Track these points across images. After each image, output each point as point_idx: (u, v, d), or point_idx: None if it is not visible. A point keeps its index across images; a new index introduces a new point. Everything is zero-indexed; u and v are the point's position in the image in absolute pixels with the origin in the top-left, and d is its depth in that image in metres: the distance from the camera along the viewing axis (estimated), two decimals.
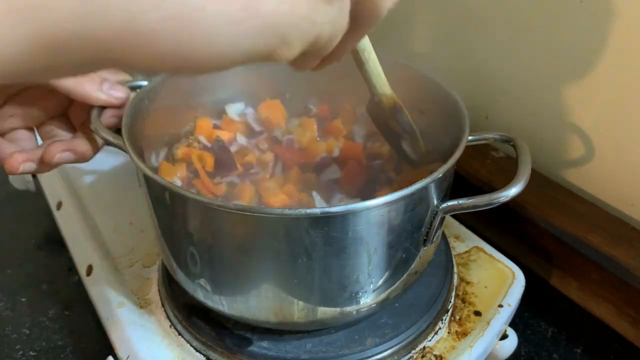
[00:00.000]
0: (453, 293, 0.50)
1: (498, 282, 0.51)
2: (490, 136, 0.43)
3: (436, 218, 0.38)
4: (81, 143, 0.40)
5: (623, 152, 0.53)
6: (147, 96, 0.44)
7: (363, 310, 0.41)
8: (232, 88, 0.55)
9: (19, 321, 0.60)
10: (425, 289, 0.48)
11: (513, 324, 0.51)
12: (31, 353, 0.56)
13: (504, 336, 0.49)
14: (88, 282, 0.52)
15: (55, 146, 0.39)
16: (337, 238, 0.35)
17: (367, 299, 0.40)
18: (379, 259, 0.38)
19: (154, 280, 0.51)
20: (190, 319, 0.45)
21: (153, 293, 0.50)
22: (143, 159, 0.39)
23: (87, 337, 0.58)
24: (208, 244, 0.38)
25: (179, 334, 0.46)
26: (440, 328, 0.47)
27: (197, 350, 0.44)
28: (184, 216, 0.37)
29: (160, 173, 0.47)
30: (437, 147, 0.49)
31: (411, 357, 0.44)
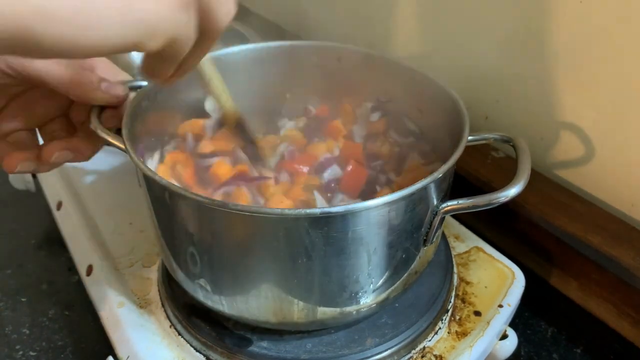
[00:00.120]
0: (453, 293, 0.50)
1: (498, 282, 0.51)
2: (490, 136, 0.43)
3: (436, 218, 0.38)
4: (80, 142, 0.40)
5: (623, 152, 0.53)
6: (147, 96, 0.44)
7: (363, 310, 0.41)
8: (232, 88, 0.54)
9: (19, 321, 0.60)
10: (425, 289, 0.48)
11: (513, 324, 0.51)
12: (31, 353, 0.56)
13: (504, 336, 0.49)
14: (88, 282, 0.52)
15: (53, 145, 0.39)
16: (337, 238, 0.35)
17: (367, 299, 0.40)
18: (379, 259, 0.38)
19: (154, 280, 0.51)
20: (190, 319, 0.45)
21: (153, 293, 0.50)
22: (143, 159, 0.39)
23: (87, 337, 0.58)
24: (208, 244, 0.38)
25: (179, 334, 0.46)
26: (440, 328, 0.47)
27: (197, 350, 0.44)
28: (184, 216, 0.37)
29: (159, 173, 0.47)
30: (437, 147, 0.50)
31: (411, 357, 0.45)
